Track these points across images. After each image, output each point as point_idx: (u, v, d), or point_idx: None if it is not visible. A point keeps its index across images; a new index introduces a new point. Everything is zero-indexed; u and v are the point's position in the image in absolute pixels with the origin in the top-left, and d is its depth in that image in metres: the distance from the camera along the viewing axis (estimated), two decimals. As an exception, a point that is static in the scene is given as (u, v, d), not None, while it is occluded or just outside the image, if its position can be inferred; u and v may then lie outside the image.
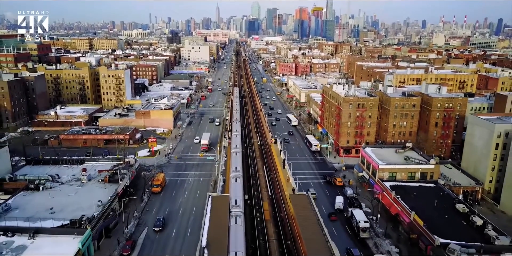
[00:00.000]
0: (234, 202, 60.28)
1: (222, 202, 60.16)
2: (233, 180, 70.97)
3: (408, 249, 63.80)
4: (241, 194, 64.81)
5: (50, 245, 58.59)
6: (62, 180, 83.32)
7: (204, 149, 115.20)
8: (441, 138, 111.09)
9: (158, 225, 70.66)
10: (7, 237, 60.40)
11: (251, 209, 71.67)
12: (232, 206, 59.01)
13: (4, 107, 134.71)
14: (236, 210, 58.01)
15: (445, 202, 73.75)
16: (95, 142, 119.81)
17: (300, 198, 64.03)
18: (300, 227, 53.66)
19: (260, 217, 68.90)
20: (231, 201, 60.82)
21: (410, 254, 62.24)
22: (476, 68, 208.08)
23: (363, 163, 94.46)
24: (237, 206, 58.74)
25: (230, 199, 61.62)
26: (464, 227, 64.75)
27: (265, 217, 68.30)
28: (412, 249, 63.48)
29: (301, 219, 55.78)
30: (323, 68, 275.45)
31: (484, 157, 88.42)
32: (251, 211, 70.54)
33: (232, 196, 63.01)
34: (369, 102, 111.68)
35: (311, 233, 51.69)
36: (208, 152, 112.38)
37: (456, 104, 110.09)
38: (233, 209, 58.18)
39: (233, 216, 55.99)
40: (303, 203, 61.13)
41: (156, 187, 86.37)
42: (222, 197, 63.20)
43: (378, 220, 74.03)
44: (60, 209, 69.32)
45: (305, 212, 57.82)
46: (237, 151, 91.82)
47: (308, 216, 56.64)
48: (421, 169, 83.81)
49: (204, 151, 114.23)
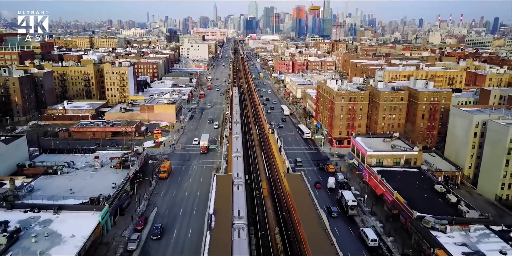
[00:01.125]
0: (236, 174, 68.45)
1: (226, 179, 68.24)
2: (234, 158, 79.15)
3: (390, 223, 71.64)
4: (242, 169, 72.85)
5: (72, 219, 66.09)
6: (77, 166, 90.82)
7: (203, 151, 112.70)
8: (427, 129, 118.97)
9: (156, 233, 67.17)
10: (34, 213, 67.91)
11: (251, 188, 79.86)
12: (234, 177, 67.09)
13: (15, 102, 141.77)
14: (238, 180, 66.13)
15: (425, 183, 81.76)
16: (103, 134, 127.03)
17: (294, 176, 72.07)
18: (295, 200, 61.53)
19: (259, 194, 77.06)
20: (233, 175, 68.75)
21: (392, 227, 70.01)
22: (466, 66, 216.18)
23: (353, 151, 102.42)
24: (239, 178, 66.88)
25: (233, 173, 69.64)
26: (440, 204, 72.75)
27: (264, 194, 76.46)
28: (394, 223, 71.29)
29: (295, 194, 63.75)
30: (319, 66, 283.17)
31: (464, 145, 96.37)
32: (251, 189, 78.66)
33: (234, 170, 71.07)
34: (360, 96, 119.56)
35: (304, 205, 59.60)
36: (207, 153, 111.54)
37: (441, 98, 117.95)
38: (235, 180, 66.19)
39: (236, 184, 64.05)
40: (296, 181, 69.10)
41: (163, 173, 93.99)
42: (225, 176, 71.23)
43: (365, 200, 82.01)
44: (79, 190, 76.80)
45: (298, 188, 65.82)
46: (238, 137, 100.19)
47: (301, 191, 64.63)
48: (406, 155, 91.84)
49: (204, 152, 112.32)
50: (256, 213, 69.03)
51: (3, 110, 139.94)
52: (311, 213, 58.03)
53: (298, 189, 66.30)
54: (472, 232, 62.85)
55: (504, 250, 57.47)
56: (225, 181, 67.14)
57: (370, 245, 64.65)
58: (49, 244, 58.60)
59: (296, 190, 66.16)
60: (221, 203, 60.45)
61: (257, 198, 76.26)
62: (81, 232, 61.51)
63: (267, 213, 68.73)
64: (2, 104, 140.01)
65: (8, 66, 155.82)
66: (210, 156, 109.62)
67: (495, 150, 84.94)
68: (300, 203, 60.25)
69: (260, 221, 67.66)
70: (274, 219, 66.79)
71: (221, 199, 61.51)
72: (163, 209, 78.58)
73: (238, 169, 71.73)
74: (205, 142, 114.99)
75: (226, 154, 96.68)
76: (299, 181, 69.32)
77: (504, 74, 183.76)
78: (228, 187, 65.20)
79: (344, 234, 69.14)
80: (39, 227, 63.55)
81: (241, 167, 75.45)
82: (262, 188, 79.33)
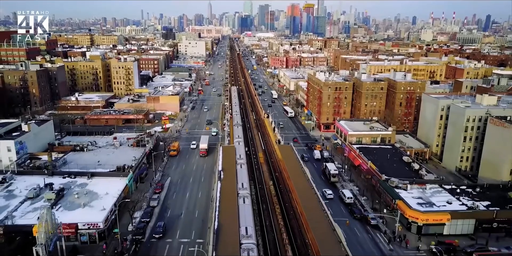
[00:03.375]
0: (237, 136, 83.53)
1: (230, 149, 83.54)
2: (235, 126, 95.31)
3: (364, 186, 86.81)
4: (241, 134, 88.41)
5: (104, 183, 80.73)
6: (99, 145, 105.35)
7: (203, 154, 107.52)
8: (405, 115, 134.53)
9: (159, 232, 66.90)
10: (71, 178, 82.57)
11: (251, 158, 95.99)
12: (235, 141, 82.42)
13: (33, 93, 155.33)
14: (238, 139, 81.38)
15: (396, 156, 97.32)
16: (115, 121, 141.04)
17: (285, 147, 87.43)
18: (286, 164, 76.71)
19: (256, 161, 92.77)
20: (234, 142, 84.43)
21: (365, 189, 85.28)
22: (448, 61, 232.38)
23: (337, 133, 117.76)
24: (240, 139, 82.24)
25: (235, 145, 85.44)
26: (405, 170, 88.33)
27: (260, 161, 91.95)
28: (367, 186, 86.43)
29: (286, 159, 79.03)
30: (312, 62, 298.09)
31: (432, 126, 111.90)
32: (250, 159, 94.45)
33: (235, 135, 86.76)
34: (345, 86, 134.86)
35: (293, 167, 74.77)
36: (207, 156, 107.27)
37: (416, 87, 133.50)
38: (236, 138, 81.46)
39: (238, 141, 79.99)
40: (287, 150, 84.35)
41: (173, 151, 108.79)
42: (230, 147, 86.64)
43: (345, 170, 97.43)
44: (104, 162, 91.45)
45: (289, 155, 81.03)
46: (237, 113, 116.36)
47: (291, 158, 79.89)
48: (381, 135, 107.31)
49: (203, 155, 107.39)
50: (255, 174, 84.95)
51: (22, 101, 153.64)
52: (298, 171, 73.41)
53: (288, 155, 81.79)
54: (427, 189, 78.28)
55: (450, 201, 72.94)
56: (230, 151, 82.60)
57: (346, 201, 80.00)
58: (89, 198, 73.29)
59: (287, 156, 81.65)
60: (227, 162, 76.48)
61: (255, 164, 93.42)
62: (112, 191, 76.21)
63: (263, 173, 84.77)
64: (21, 95, 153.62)
65: (25, 61, 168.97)
66: (213, 138, 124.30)
67: (456, 129, 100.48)
68: (289, 164, 75.54)
69: (257, 178, 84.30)
70: (269, 177, 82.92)
71: (227, 160, 77.33)
72: (175, 178, 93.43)
73: (239, 134, 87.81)
74: (204, 145, 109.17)
75: (229, 131, 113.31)
76: (289, 150, 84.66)
77: (481, 68, 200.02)
78: (232, 156, 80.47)
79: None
80: (78, 188, 78.26)
81: (240, 133, 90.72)
82: (259, 157, 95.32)
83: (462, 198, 74.63)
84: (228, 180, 69.06)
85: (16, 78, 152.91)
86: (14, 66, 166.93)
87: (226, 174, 71.74)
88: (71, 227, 62.80)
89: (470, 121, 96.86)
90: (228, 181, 68.76)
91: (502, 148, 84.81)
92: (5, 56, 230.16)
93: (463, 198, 74.43)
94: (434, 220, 67.76)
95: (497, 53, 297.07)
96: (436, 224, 68.34)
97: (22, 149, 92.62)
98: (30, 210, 68.59)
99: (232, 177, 69.81)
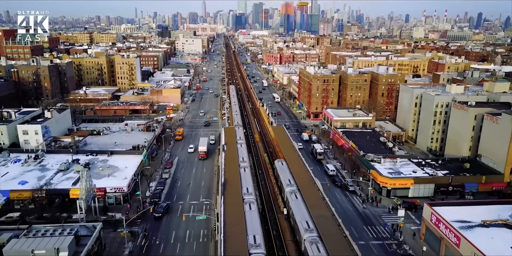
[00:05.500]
0: (236, 121, 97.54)
1: (231, 130, 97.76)
2: (234, 114, 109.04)
3: (345, 161, 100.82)
4: (240, 120, 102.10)
5: (122, 159, 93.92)
6: (112, 130, 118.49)
7: (202, 157, 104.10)
8: (386, 104, 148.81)
9: (159, 211, 73.12)
10: (93, 156, 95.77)
11: (248, 138, 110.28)
12: (235, 125, 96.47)
13: (45, 87, 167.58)
14: (237, 123, 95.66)
15: (374, 138, 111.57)
16: (123, 111, 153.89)
17: (278, 128, 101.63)
18: (278, 141, 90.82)
19: (253, 140, 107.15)
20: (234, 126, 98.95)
21: (346, 164, 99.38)
22: (431, 56, 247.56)
23: (324, 119, 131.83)
24: (239, 124, 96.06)
25: (234, 126, 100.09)
26: (381, 148, 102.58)
27: (256, 140, 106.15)
28: (348, 161, 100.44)
29: (278, 137, 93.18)
30: (304, 58, 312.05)
31: (408, 113, 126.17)
32: (248, 138, 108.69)
33: (234, 120, 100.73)
34: (332, 79, 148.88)
35: (285, 144, 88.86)
36: (207, 159, 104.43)
37: (396, 79, 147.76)
38: (235, 123, 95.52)
39: (238, 126, 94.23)
40: (280, 131, 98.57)
41: (179, 136, 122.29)
42: (230, 128, 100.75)
43: (330, 150, 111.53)
44: (120, 143, 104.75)
45: (281, 135, 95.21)
46: (235, 103, 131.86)
47: (283, 137, 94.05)
48: (363, 120, 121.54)
49: (202, 158, 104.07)
50: (252, 152, 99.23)
51: (35, 93, 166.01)
52: (288, 146, 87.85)
53: (280, 134, 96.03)
54: (398, 162, 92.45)
55: (415, 170, 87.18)
56: (231, 130, 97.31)
57: (329, 173, 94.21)
58: (111, 171, 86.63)
59: (279, 134, 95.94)
60: (229, 140, 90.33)
61: (251, 142, 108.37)
62: (131, 165, 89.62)
63: (259, 148, 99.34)
64: (34, 88, 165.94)
65: (36, 57, 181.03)
66: (213, 126, 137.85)
67: (427, 114, 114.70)
68: (281, 141, 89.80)
69: (254, 152, 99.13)
70: (264, 151, 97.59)
71: (228, 139, 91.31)
72: (182, 158, 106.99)
73: (238, 123, 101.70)
74: (204, 147, 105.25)
75: (229, 117, 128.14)
76: (281, 130, 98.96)
77: (461, 63, 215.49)
78: (233, 136, 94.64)
79: (314, 170, 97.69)
80: (101, 163, 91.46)
81: (239, 119, 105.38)
82: (255, 137, 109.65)
83: (426, 168, 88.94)
84: (230, 153, 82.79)
85: (30, 73, 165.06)
86: (25, 62, 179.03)
87: (229, 148, 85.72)
88: (101, 190, 76.11)
89: (438, 107, 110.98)
90: (230, 154, 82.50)
91: (463, 128, 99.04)
92: (11, 54, 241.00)
93: (426, 168, 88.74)
94: (400, 184, 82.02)
95: (480, 50, 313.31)
96: (402, 188, 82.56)
97: (47, 132, 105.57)
98: (64, 179, 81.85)
99: (234, 152, 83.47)
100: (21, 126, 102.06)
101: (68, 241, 52.50)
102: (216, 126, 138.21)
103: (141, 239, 66.50)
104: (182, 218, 70.89)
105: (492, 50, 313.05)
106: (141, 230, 68.51)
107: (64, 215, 71.08)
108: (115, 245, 64.08)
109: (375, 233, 69.47)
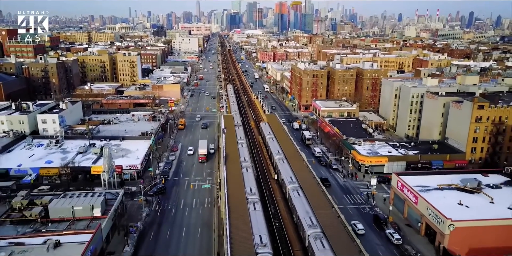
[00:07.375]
0: (233, 110, 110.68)
1: (229, 117, 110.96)
2: (232, 104, 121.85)
3: (331, 145, 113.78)
4: (237, 109, 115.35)
5: (133, 144, 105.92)
6: (121, 120, 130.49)
7: (202, 160, 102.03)
8: (371, 97, 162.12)
9: (153, 191, 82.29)
10: (107, 141, 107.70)
11: (245, 125, 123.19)
12: (233, 114, 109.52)
13: (53, 83, 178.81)
14: (235, 112, 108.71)
15: (357, 125, 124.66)
16: (127, 105, 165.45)
17: (271, 115, 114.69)
18: (271, 126, 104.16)
19: (249, 126, 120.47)
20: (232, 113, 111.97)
21: (332, 148, 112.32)
22: (416, 54, 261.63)
23: (313, 110, 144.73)
24: (236, 112, 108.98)
25: (233, 115, 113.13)
26: (362, 133, 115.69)
27: (252, 126, 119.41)
28: (332, 145, 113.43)
29: (271, 123, 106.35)
30: (297, 56, 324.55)
31: (389, 104, 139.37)
32: (244, 124, 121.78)
33: (232, 110, 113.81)
34: (321, 74, 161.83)
35: (276, 127, 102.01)
36: (206, 162, 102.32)
37: (380, 74, 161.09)
38: (233, 112, 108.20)
39: (235, 114, 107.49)
40: (272, 118, 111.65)
41: (181, 126, 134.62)
42: (229, 115, 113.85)
43: (318, 136, 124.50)
44: (130, 131, 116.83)
45: (274, 121, 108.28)
46: (232, 95, 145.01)
47: (276, 123, 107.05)
48: (347, 110, 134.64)
49: (203, 161, 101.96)
50: (248, 135, 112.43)
51: (43, 89, 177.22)
52: (280, 129, 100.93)
53: (273, 120, 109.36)
54: (376, 145, 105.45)
55: (390, 151, 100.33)
56: (229, 117, 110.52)
57: (316, 155, 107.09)
58: (125, 152, 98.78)
59: (271, 121, 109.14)
60: (228, 125, 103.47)
61: (247, 127, 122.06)
62: (141, 148, 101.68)
63: (253, 132, 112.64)
64: (43, 84, 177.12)
65: (44, 55, 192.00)
66: (212, 116, 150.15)
67: (404, 104, 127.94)
68: (273, 125, 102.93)
69: (250, 136, 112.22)
70: (258, 135, 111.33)
71: (227, 124, 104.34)
72: (185, 143, 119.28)
73: (235, 111, 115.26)
74: (203, 150, 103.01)
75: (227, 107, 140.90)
76: (274, 117, 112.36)
77: (443, 60, 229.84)
78: (231, 122, 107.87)
79: (303, 152, 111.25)
80: (115, 147, 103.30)
81: (236, 109, 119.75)
82: (251, 124, 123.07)
83: (400, 149, 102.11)
84: (230, 134, 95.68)
85: (39, 69, 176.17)
86: (33, 60, 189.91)
87: (228, 131, 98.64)
88: (118, 168, 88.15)
89: (414, 97, 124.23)
90: (230, 134, 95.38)
91: (433, 115, 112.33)
92: (14, 52, 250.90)
93: (400, 149, 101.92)
94: (376, 161, 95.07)
95: (464, 48, 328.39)
96: (378, 165, 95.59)
97: (63, 121, 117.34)
98: (84, 159, 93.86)
99: (233, 133, 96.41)
100: (40, 116, 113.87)
101: (100, 200, 64.73)
102: (214, 126, 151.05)
103: (155, 205, 78.90)
104: (190, 187, 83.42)
105: (475, 48, 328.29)
106: (154, 198, 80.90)
107: (87, 188, 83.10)
108: (134, 210, 76.43)
109: (352, 200, 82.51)
